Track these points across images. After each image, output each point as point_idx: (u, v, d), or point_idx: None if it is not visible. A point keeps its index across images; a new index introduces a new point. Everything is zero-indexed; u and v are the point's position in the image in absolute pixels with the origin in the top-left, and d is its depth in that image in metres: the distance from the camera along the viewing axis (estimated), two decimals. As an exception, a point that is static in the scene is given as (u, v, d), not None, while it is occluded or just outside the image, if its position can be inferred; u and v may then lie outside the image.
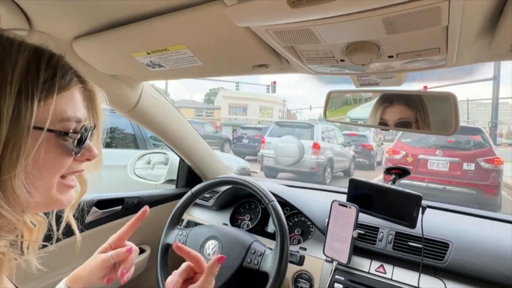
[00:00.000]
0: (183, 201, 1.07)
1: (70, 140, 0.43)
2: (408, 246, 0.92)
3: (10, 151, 0.36)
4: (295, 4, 0.31)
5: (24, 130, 0.36)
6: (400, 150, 6.24)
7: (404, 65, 0.53)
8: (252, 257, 0.88)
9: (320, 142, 7.87)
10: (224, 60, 0.63)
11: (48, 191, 0.43)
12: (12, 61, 0.37)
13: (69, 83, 0.42)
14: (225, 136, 14.64)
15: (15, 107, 0.36)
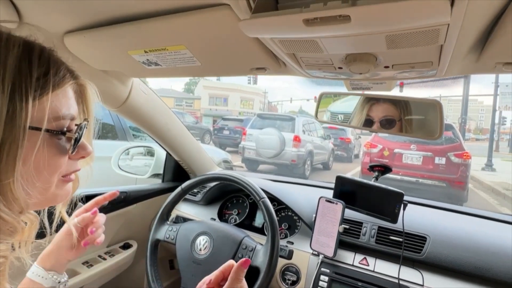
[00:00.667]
0: (173, 196, 1.07)
1: (64, 139, 0.42)
2: (389, 240, 0.98)
3: (7, 154, 0.35)
4: (309, 23, 0.32)
5: (20, 131, 0.35)
6: (377, 144, 6.46)
7: (396, 74, 0.56)
8: (243, 252, 0.91)
9: (301, 135, 7.98)
10: (223, 62, 0.64)
11: (47, 190, 0.42)
12: (1, 58, 0.35)
13: (62, 80, 0.41)
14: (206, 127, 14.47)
15: (9, 107, 0.35)
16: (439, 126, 0.65)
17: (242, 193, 1.35)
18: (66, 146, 0.42)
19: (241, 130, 10.40)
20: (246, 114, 24.21)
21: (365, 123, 0.90)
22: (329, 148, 9.39)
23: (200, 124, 14.51)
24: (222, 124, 12.08)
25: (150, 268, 0.98)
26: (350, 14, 0.29)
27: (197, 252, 0.93)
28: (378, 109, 0.88)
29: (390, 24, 0.31)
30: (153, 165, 1.51)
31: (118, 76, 0.89)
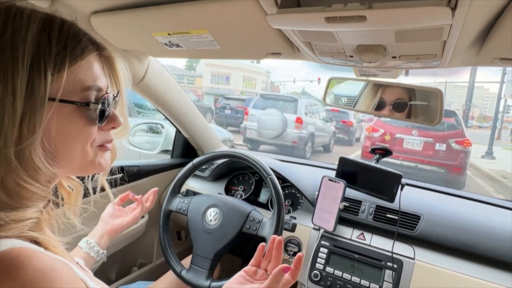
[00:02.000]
0: (185, 171, 1.14)
1: (92, 110, 0.42)
2: (386, 217, 1.05)
3: (27, 125, 0.36)
4: (330, 20, 0.37)
5: (40, 103, 0.36)
6: (379, 128, 6.50)
7: (404, 64, 0.61)
8: (251, 224, 0.99)
9: (303, 116, 7.99)
10: (242, 46, 0.68)
11: (85, 158, 0.44)
12: (22, 34, 0.36)
13: (83, 51, 0.41)
14: (207, 105, 14.42)
15: (29, 80, 0.36)
16: (438, 113, 0.70)
17: (248, 171, 1.42)
18: (94, 117, 0.43)
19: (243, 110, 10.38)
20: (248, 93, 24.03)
21: (378, 106, 0.94)
22: (331, 130, 9.42)
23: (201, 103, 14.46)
24: (224, 103, 12.05)
25: (163, 236, 1.07)
26: (366, 15, 0.34)
27: (208, 223, 1.01)
28: (391, 92, 0.92)
29: (399, 24, 0.35)
30: (162, 141, 1.57)
31: (136, 55, 0.93)
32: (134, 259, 1.43)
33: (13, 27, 0.36)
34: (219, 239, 0.98)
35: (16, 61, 0.35)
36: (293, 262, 0.61)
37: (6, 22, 0.36)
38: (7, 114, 0.35)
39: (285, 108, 8.25)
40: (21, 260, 0.34)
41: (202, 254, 0.98)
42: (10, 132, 0.35)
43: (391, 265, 0.96)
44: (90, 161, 0.46)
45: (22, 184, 0.37)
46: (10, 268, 0.33)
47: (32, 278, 0.33)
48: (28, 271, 0.33)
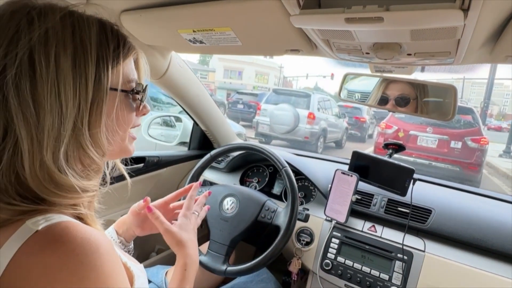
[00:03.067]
0: (203, 162, 1.19)
1: (132, 98, 0.50)
2: (397, 211, 1.08)
3: (95, 110, 0.43)
4: (349, 20, 0.40)
5: (104, 92, 0.44)
6: (393, 125, 6.42)
7: (418, 61, 0.63)
8: (266, 213, 1.03)
9: (316, 112, 7.96)
10: (262, 43, 0.72)
11: (123, 141, 0.52)
12: (87, 35, 0.43)
13: (129, 50, 0.48)
14: (220, 99, 14.51)
15: (96, 74, 0.43)
16: (452, 109, 0.72)
17: (263, 163, 1.46)
18: (134, 104, 0.51)
19: (255, 105, 10.40)
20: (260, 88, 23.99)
21: (380, 101, 0.97)
22: (343, 126, 9.36)
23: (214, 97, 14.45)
24: (236, 98, 12.10)
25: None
26: (384, 16, 0.37)
27: (225, 211, 1.06)
28: (394, 87, 0.95)
29: (414, 25, 0.38)
30: (180, 133, 1.63)
31: (160, 50, 0.98)
32: (153, 245, 1.51)
33: (80, 30, 0.42)
34: (235, 227, 1.03)
35: (87, 57, 0.42)
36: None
37: (73, 26, 0.42)
38: (82, 100, 0.42)
39: (298, 103, 8.23)
40: (69, 230, 0.39)
41: (219, 240, 1.03)
42: (85, 115, 0.42)
43: (401, 257, 0.99)
44: (125, 146, 0.53)
45: (92, 156, 0.44)
46: (61, 236, 0.38)
47: (80, 244, 0.38)
48: (76, 239, 0.38)
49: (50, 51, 0.40)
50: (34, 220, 0.40)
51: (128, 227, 0.78)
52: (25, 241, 0.38)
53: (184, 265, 0.66)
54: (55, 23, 0.41)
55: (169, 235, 0.68)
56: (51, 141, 0.40)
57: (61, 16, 0.42)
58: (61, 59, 0.40)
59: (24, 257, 0.37)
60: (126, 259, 0.55)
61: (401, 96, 0.92)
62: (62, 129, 0.40)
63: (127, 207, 0.80)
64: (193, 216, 0.75)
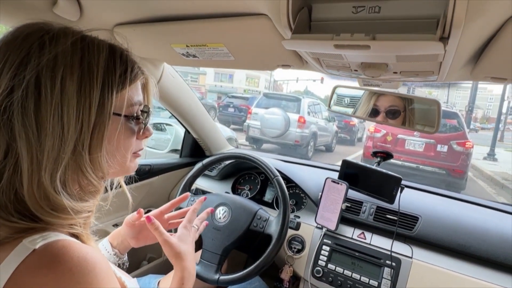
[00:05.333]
0: (195, 171, 1.20)
1: (134, 122, 0.50)
2: (386, 218, 1.11)
3: (97, 134, 0.44)
4: (338, 46, 0.42)
5: (107, 116, 0.44)
6: (381, 129, 6.54)
7: (404, 78, 0.66)
8: (258, 222, 1.05)
9: (306, 116, 8.04)
10: (254, 59, 0.73)
11: (124, 163, 0.52)
12: (96, 61, 0.44)
13: (136, 76, 0.49)
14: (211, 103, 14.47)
15: (100, 98, 0.43)
16: (436, 123, 0.75)
17: (254, 171, 1.47)
18: (135, 128, 0.51)
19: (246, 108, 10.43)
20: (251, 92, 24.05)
21: (371, 113, 1.00)
22: (333, 130, 9.47)
23: (205, 100, 14.48)
24: (227, 102, 12.10)
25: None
26: (370, 44, 0.39)
27: (217, 220, 1.07)
28: (384, 99, 0.98)
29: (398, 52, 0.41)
30: (172, 141, 1.63)
31: (152, 62, 0.99)
32: (144, 254, 1.50)
33: (89, 56, 0.44)
34: (227, 236, 1.04)
35: (92, 82, 0.43)
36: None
37: (83, 51, 0.43)
38: (84, 123, 0.42)
39: (288, 107, 8.30)
40: (66, 249, 0.40)
41: (211, 249, 1.03)
42: (86, 138, 0.43)
43: (390, 263, 1.02)
44: (127, 166, 0.53)
45: (90, 179, 0.45)
46: (58, 255, 0.39)
47: (76, 263, 0.39)
48: (73, 258, 0.39)
49: (57, 74, 0.41)
50: (31, 239, 0.40)
51: (123, 238, 0.78)
52: (23, 260, 0.38)
53: (181, 278, 0.66)
54: (66, 48, 0.42)
55: (168, 246, 0.67)
56: (50, 162, 0.41)
57: (73, 41, 0.43)
58: (67, 83, 0.41)
59: (22, 276, 0.38)
60: (120, 274, 0.56)
61: (391, 108, 0.96)
62: (62, 151, 0.41)
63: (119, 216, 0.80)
64: (192, 229, 0.75)
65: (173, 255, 0.67)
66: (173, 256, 0.67)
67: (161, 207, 0.83)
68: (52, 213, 0.42)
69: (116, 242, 0.78)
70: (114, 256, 0.77)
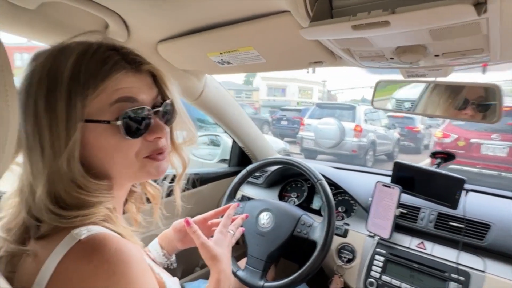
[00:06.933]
0: (239, 178, 1.22)
1: (121, 125, 0.45)
2: (449, 226, 0.98)
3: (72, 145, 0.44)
4: (356, 27, 0.40)
5: (74, 126, 0.43)
6: (451, 134, 5.88)
7: (450, 61, 0.59)
8: (302, 228, 1.01)
9: (363, 124, 7.67)
10: (285, 58, 0.74)
11: (130, 168, 0.50)
12: (61, 70, 0.43)
13: (106, 75, 0.45)
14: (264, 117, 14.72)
15: (66, 109, 0.43)
16: (498, 111, 0.65)
17: (301, 178, 1.44)
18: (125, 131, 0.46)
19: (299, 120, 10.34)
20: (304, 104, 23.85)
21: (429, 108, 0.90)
22: (394, 138, 8.84)
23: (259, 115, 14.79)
24: (280, 115, 12.18)
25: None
26: (389, 19, 0.36)
27: (261, 226, 1.07)
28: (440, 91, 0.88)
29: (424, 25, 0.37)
30: (221, 151, 1.70)
31: (195, 74, 1.06)
32: (197, 260, 1.55)
33: (56, 66, 0.44)
34: (271, 241, 1.02)
35: (58, 94, 0.43)
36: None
37: (50, 64, 0.44)
38: (56, 139, 0.43)
39: (343, 116, 8.02)
40: (106, 241, 0.43)
41: (256, 255, 1.03)
42: (59, 153, 0.44)
43: (456, 277, 0.89)
44: (139, 171, 0.51)
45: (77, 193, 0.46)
46: (99, 246, 0.43)
47: (114, 253, 0.42)
48: (111, 250, 0.43)
49: (31, 93, 0.43)
50: (78, 231, 0.45)
51: (170, 240, 0.82)
52: (69, 248, 0.43)
53: (217, 280, 0.68)
54: (39, 64, 0.44)
55: (205, 249, 0.70)
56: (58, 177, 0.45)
57: (47, 54, 0.45)
58: (38, 101, 0.43)
59: (68, 263, 0.42)
60: (158, 270, 0.58)
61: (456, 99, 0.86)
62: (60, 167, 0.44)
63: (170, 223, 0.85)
64: (228, 234, 0.77)
65: (210, 258, 0.69)
66: (210, 258, 0.69)
67: (205, 213, 0.88)
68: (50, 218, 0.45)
69: (164, 243, 0.83)
70: (163, 257, 0.82)
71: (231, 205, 0.87)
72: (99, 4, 0.69)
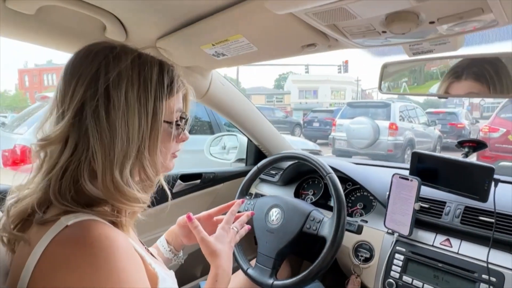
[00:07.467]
0: (250, 175, 1.20)
1: (175, 127, 0.56)
2: (478, 220, 0.88)
3: (154, 137, 0.52)
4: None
5: (159, 122, 0.52)
6: (499, 127, 5.38)
7: (452, 29, 0.53)
8: (311, 224, 0.97)
9: (398, 122, 7.28)
10: (276, 43, 0.71)
11: (165, 161, 0.58)
12: (149, 76, 0.52)
13: (179, 87, 0.57)
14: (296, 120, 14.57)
15: (154, 107, 0.51)
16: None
17: (317, 174, 1.39)
18: (175, 132, 0.57)
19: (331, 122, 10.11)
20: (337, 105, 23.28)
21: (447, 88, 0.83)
22: (435, 135, 8.28)
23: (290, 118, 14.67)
24: (311, 117, 11.99)
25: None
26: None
27: (270, 222, 1.03)
28: (459, 87, 0.81)
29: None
30: (237, 151, 1.68)
31: (199, 71, 1.06)
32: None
33: (144, 71, 0.51)
34: (281, 238, 0.99)
35: (147, 93, 0.51)
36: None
37: (139, 67, 0.51)
38: (144, 128, 0.50)
39: (377, 114, 7.70)
40: (91, 226, 0.45)
41: (265, 253, 1.00)
42: (146, 141, 0.51)
43: (487, 278, 0.79)
44: (166, 165, 0.60)
45: (150, 175, 0.53)
46: (83, 231, 0.45)
47: (97, 239, 0.44)
48: (95, 235, 0.44)
49: (122, 87, 0.49)
50: (67, 217, 0.46)
51: (176, 236, 0.84)
52: (56, 234, 0.45)
53: (215, 275, 0.68)
54: (127, 65, 0.50)
55: (204, 244, 0.71)
56: (119, 160, 0.48)
57: (132, 58, 0.51)
58: (129, 95, 0.49)
59: (53, 247, 0.44)
60: (151, 261, 0.58)
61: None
62: (129, 151, 0.49)
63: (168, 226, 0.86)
64: (231, 230, 0.77)
65: (209, 253, 0.70)
66: (209, 254, 0.70)
67: (210, 210, 0.88)
68: (121, 200, 0.49)
69: (171, 238, 0.85)
70: (170, 252, 0.83)
71: (236, 201, 0.86)
72: (94, 6, 0.71)
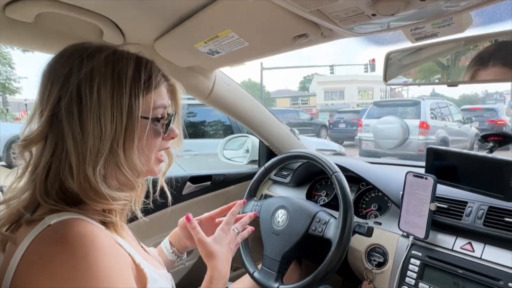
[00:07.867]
0: (258, 175, 1.17)
1: (159, 124, 0.56)
2: (503, 222, 0.79)
3: (129, 134, 0.50)
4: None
5: (135, 118, 0.50)
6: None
7: (449, 5, 0.48)
8: (317, 225, 0.92)
9: (429, 120, 6.91)
10: (266, 36, 0.68)
11: (148, 163, 0.57)
12: (124, 72, 0.51)
13: (159, 82, 0.55)
14: (321, 122, 14.30)
15: (129, 103, 0.50)
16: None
17: (330, 175, 1.33)
18: (160, 129, 0.56)
19: (357, 122, 9.82)
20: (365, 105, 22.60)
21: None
22: (471, 133, 7.76)
23: (315, 120, 14.42)
24: (337, 118, 11.71)
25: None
26: None
27: (276, 224, 1.00)
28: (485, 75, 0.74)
29: None
30: (250, 152, 1.66)
31: (201, 72, 1.06)
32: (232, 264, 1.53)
33: (118, 67, 0.51)
34: (286, 241, 0.95)
35: (121, 89, 0.49)
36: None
37: (113, 63, 0.51)
38: (118, 125, 0.49)
39: (406, 113, 7.36)
40: (73, 225, 0.45)
41: (271, 255, 0.96)
42: (120, 138, 0.49)
43: (514, 287, 0.70)
44: (151, 167, 0.58)
45: (127, 176, 0.51)
46: (63, 229, 0.45)
47: (76, 237, 0.44)
48: (75, 233, 0.44)
49: (94, 84, 0.48)
50: (51, 216, 0.47)
51: (179, 238, 0.83)
52: (38, 233, 0.45)
53: (210, 277, 0.66)
54: (100, 62, 0.50)
55: (201, 244, 0.69)
56: (92, 158, 0.48)
57: (106, 55, 0.51)
58: (102, 91, 0.49)
59: (34, 246, 0.45)
60: (141, 261, 0.57)
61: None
62: (101, 148, 0.48)
63: None
64: (231, 232, 0.75)
65: (205, 254, 0.69)
66: (205, 255, 0.69)
67: (212, 211, 0.86)
68: (95, 199, 0.49)
69: (174, 240, 0.84)
70: (172, 254, 0.83)
71: (237, 202, 0.84)
72: (90, 11, 0.73)
